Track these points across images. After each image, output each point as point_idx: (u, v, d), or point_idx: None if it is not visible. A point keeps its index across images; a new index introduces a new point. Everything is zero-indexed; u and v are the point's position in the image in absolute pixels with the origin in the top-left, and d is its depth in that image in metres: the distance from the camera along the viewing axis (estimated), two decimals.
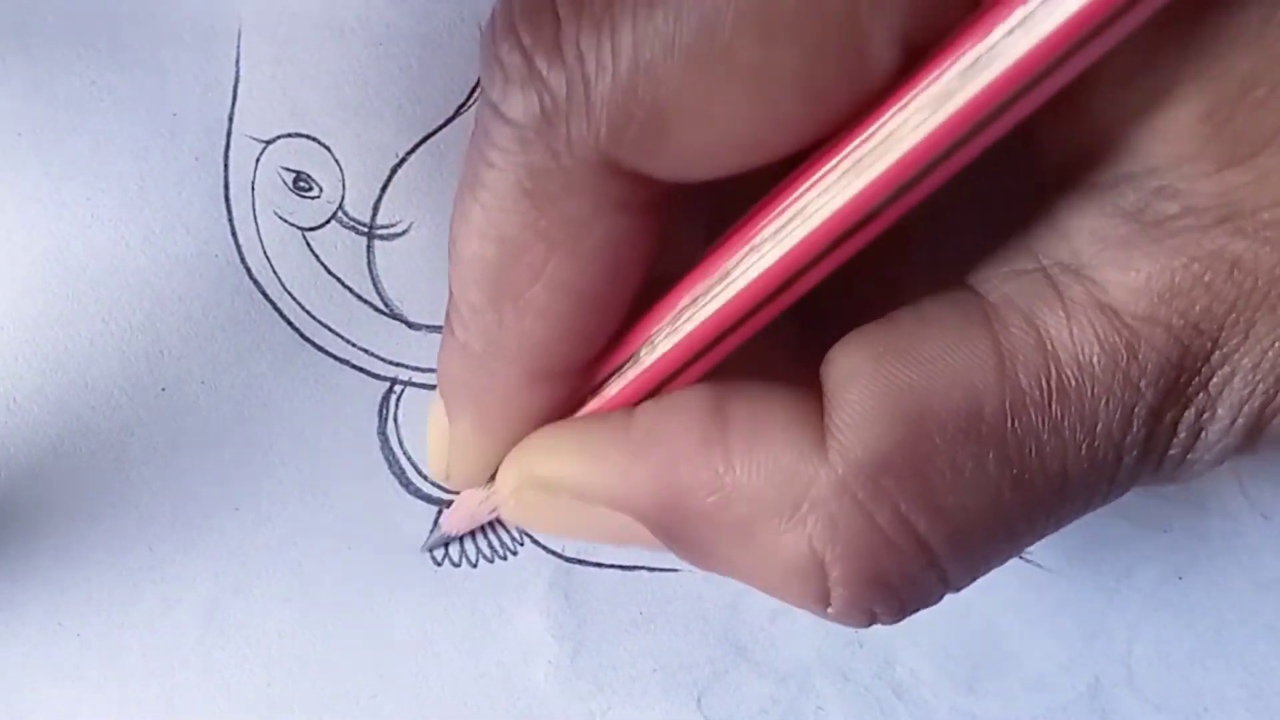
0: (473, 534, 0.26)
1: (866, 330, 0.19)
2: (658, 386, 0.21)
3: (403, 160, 0.26)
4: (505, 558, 0.26)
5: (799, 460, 0.19)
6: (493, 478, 0.23)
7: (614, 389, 0.21)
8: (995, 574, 0.27)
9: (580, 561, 0.26)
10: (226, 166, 0.26)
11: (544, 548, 0.26)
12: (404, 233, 0.26)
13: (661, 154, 0.18)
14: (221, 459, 0.26)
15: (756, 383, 0.20)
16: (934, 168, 0.17)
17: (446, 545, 0.26)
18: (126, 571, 0.25)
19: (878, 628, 0.26)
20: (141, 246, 0.25)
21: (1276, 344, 0.18)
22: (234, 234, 0.26)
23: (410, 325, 0.26)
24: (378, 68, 0.26)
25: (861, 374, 0.19)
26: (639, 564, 0.27)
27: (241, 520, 0.26)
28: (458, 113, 0.26)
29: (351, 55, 0.26)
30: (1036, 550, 0.27)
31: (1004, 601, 0.27)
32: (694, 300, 0.20)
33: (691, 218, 0.21)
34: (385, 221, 0.26)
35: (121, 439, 0.25)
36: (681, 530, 0.20)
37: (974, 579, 0.20)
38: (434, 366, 0.26)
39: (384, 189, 0.26)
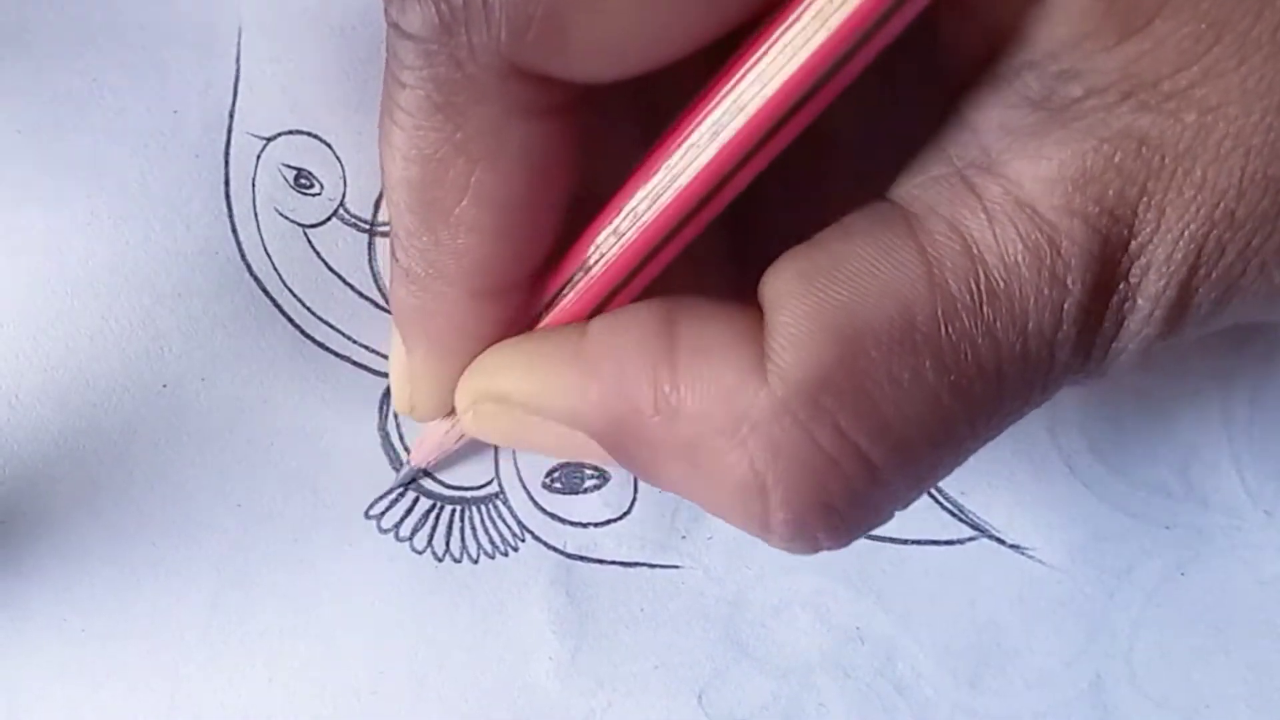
0: (474, 532, 0.26)
1: (795, 252, 0.19)
2: (609, 295, 0.21)
3: None
4: (506, 554, 0.26)
5: (740, 381, 0.19)
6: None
7: (566, 301, 0.21)
8: (997, 571, 0.27)
9: (581, 558, 0.26)
10: (227, 163, 0.26)
11: (545, 544, 0.26)
12: None
13: (564, 54, 0.18)
14: (223, 456, 0.26)
15: (705, 301, 0.20)
16: (869, 38, 0.17)
17: (414, 481, 0.26)
18: (129, 567, 0.25)
19: (878, 624, 0.26)
20: (142, 244, 0.25)
21: (1187, 233, 0.18)
22: (235, 231, 0.26)
23: None
24: (378, 65, 0.25)
25: (793, 294, 0.19)
26: (640, 561, 0.27)
27: (243, 517, 0.26)
28: None
29: (352, 52, 0.26)
30: (1039, 547, 0.27)
31: (1006, 598, 0.27)
32: (636, 204, 0.20)
33: (629, 125, 0.21)
34: (386, 219, 0.26)
35: (123, 436, 0.25)
36: (630, 447, 0.20)
37: (920, 493, 0.20)
38: None
39: None
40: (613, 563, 0.27)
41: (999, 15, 0.18)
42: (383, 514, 0.26)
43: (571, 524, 0.26)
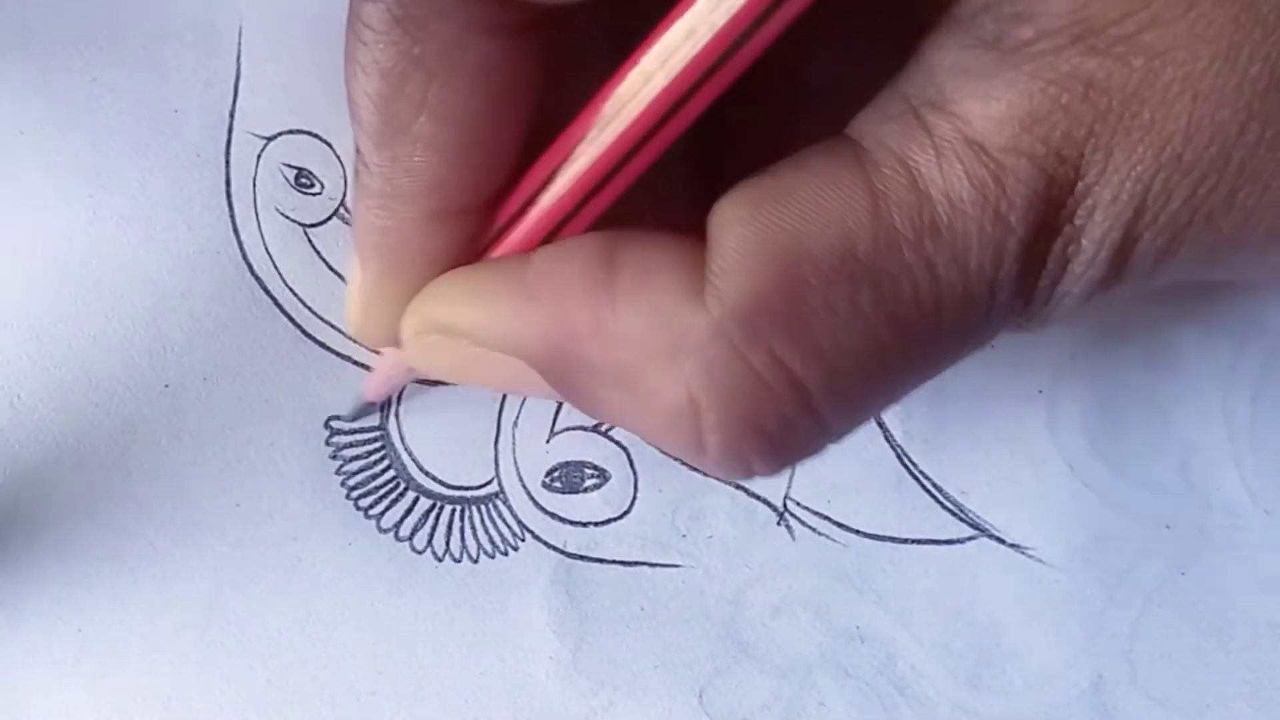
0: (474, 531, 0.26)
1: (746, 182, 0.20)
2: (555, 229, 0.21)
3: None
4: (506, 554, 0.26)
5: (678, 305, 0.19)
6: None
7: (516, 232, 0.21)
8: (998, 570, 0.27)
9: (582, 557, 0.26)
10: (228, 163, 0.26)
11: (545, 544, 0.26)
12: None
13: None
14: (223, 455, 0.26)
15: (651, 232, 0.20)
16: None
17: (366, 414, 0.26)
18: (127, 567, 0.25)
19: (878, 623, 0.26)
20: (143, 243, 0.25)
21: (1133, 175, 0.18)
22: (236, 230, 0.26)
23: None
24: None
25: (737, 220, 0.19)
26: (640, 560, 0.27)
27: (243, 516, 0.26)
28: None
29: None
30: (1039, 546, 0.27)
31: (1006, 598, 0.27)
32: (586, 136, 0.20)
33: (600, 54, 0.21)
34: None
35: (124, 435, 0.25)
36: (569, 376, 0.20)
37: (853, 426, 0.20)
38: None
39: None
40: (613, 562, 0.26)
41: None
42: (382, 513, 0.26)
43: (571, 523, 0.26)
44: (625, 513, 0.27)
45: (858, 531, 0.27)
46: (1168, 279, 0.20)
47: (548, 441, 0.27)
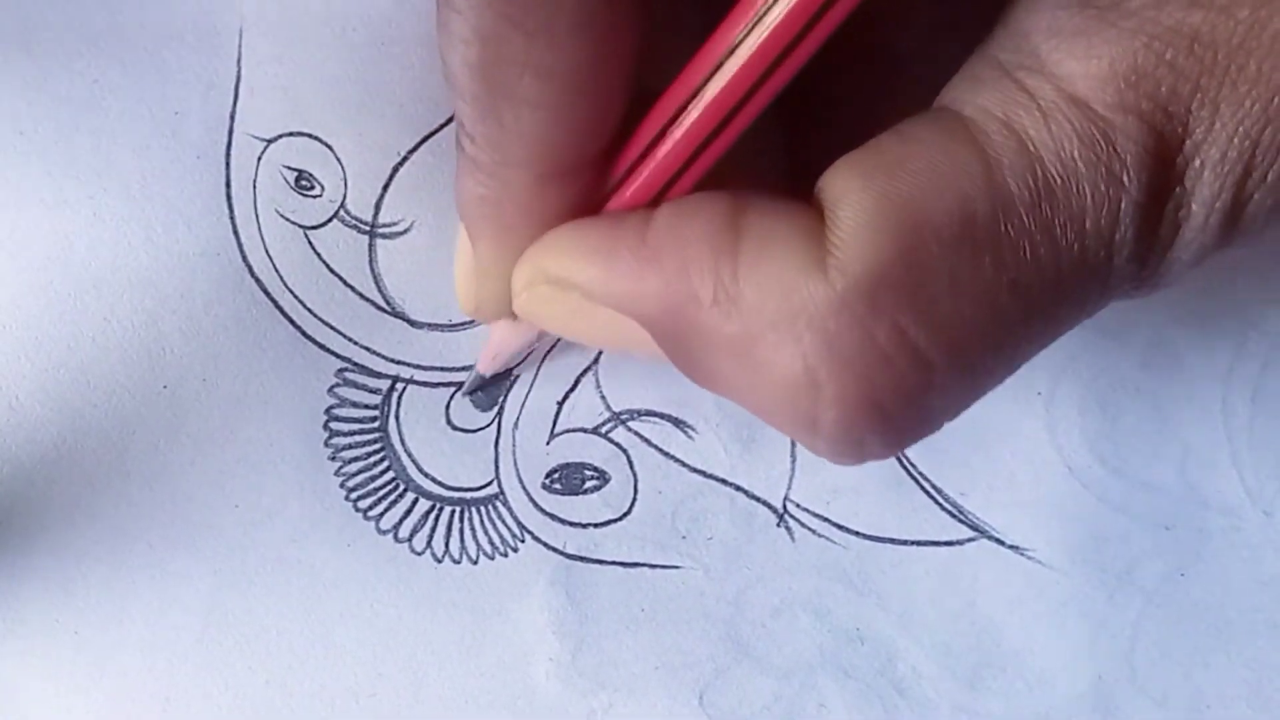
0: (474, 532, 0.26)
1: (853, 154, 0.19)
2: (670, 182, 0.21)
3: (404, 159, 0.26)
4: (506, 555, 0.26)
5: (800, 275, 0.18)
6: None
7: (630, 186, 0.21)
8: (998, 572, 0.27)
9: (582, 558, 0.26)
10: (228, 165, 0.26)
11: (545, 545, 0.26)
12: (406, 231, 0.26)
13: None
14: (222, 456, 0.26)
15: (770, 197, 0.20)
16: None
17: (481, 388, 0.26)
18: (126, 569, 0.25)
19: (879, 624, 0.26)
20: (143, 245, 0.25)
21: (1241, 129, 0.18)
22: (236, 232, 0.26)
23: (412, 324, 0.26)
24: (379, 66, 0.26)
25: (853, 191, 0.19)
26: (641, 561, 0.27)
27: (241, 518, 0.26)
28: None
29: (353, 54, 0.26)
30: (1039, 548, 0.27)
31: (1006, 599, 0.27)
32: (698, 85, 0.20)
33: (698, 11, 0.21)
34: (387, 220, 0.26)
35: (123, 437, 0.25)
36: (684, 340, 0.20)
37: (971, 401, 0.20)
38: (436, 365, 0.26)
39: (386, 188, 0.26)
40: (613, 563, 0.26)
41: None
42: (382, 515, 0.26)
43: (571, 524, 0.26)
44: (625, 514, 0.27)
45: (857, 533, 0.27)
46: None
47: (548, 443, 0.27)
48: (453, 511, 0.26)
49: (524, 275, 0.22)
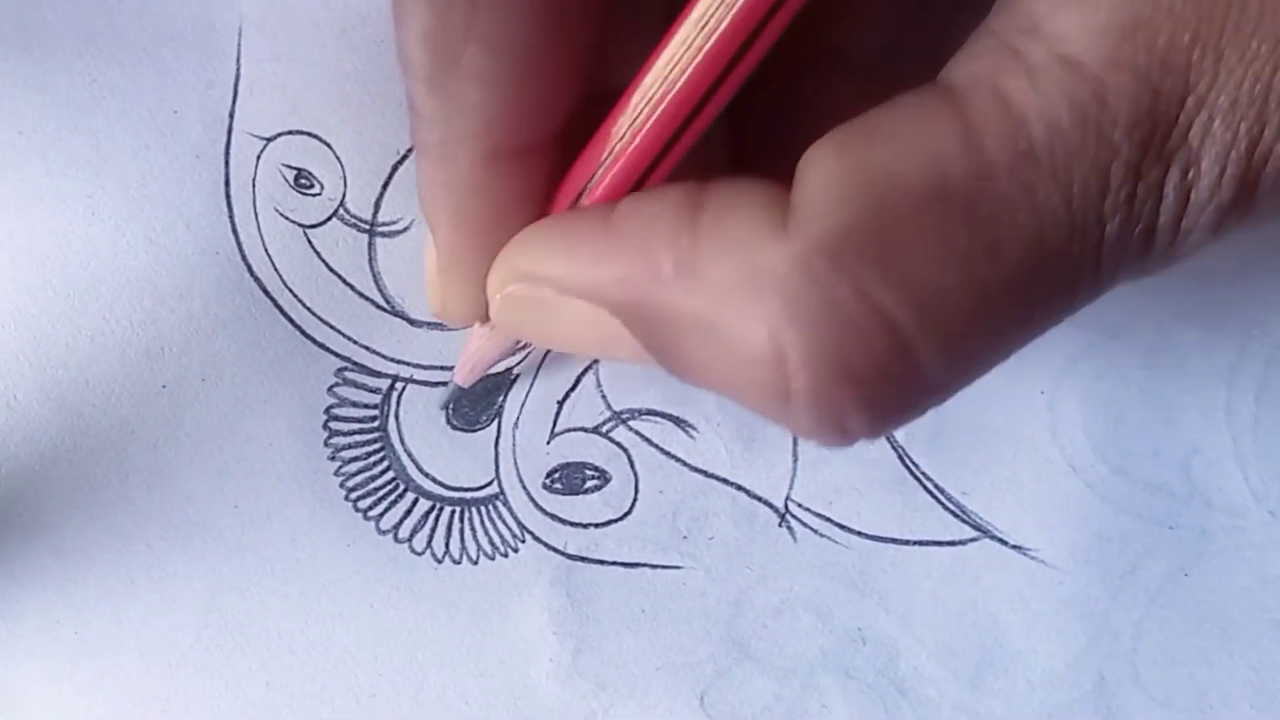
0: (474, 533, 0.26)
1: (837, 128, 0.19)
2: (641, 177, 0.20)
3: (404, 157, 0.26)
4: (506, 555, 0.26)
5: (760, 238, 0.18)
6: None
7: (596, 186, 0.21)
8: (1000, 572, 0.27)
9: (582, 559, 0.26)
10: (227, 164, 0.26)
11: (546, 545, 0.26)
12: (405, 230, 0.26)
13: None
14: (222, 456, 0.26)
15: (737, 177, 0.19)
16: None
17: (458, 402, 0.26)
18: (125, 569, 0.25)
19: (880, 625, 0.26)
20: (143, 244, 0.25)
21: (1250, 73, 0.17)
22: (235, 231, 0.26)
23: (411, 323, 0.26)
24: (378, 65, 0.26)
25: (824, 157, 0.18)
26: (641, 561, 0.26)
27: (241, 518, 0.26)
28: None
29: (352, 52, 0.26)
30: (1042, 548, 0.27)
31: (1009, 599, 0.27)
32: (660, 75, 0.19)
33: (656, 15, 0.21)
34: (386, 219, 0.26)
35: (122, 436, 0.25)
36: (651, 324, 0.19)
37: (960, 378, 0.19)
38: (436, 364, 0.26)
39: (385, 186, 0.26)
40: (614, 563, 0.26)
41: None
42: (382, 515, 0.26)
43: (572, 525, 0.26)
44: (626, 514, 0.27)
45: (859, 533, 0.27)
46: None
47: (548, 443, 0.26)
48: (453, 512, 0.26)
49: (497, 277, 0.22)
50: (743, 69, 0.19)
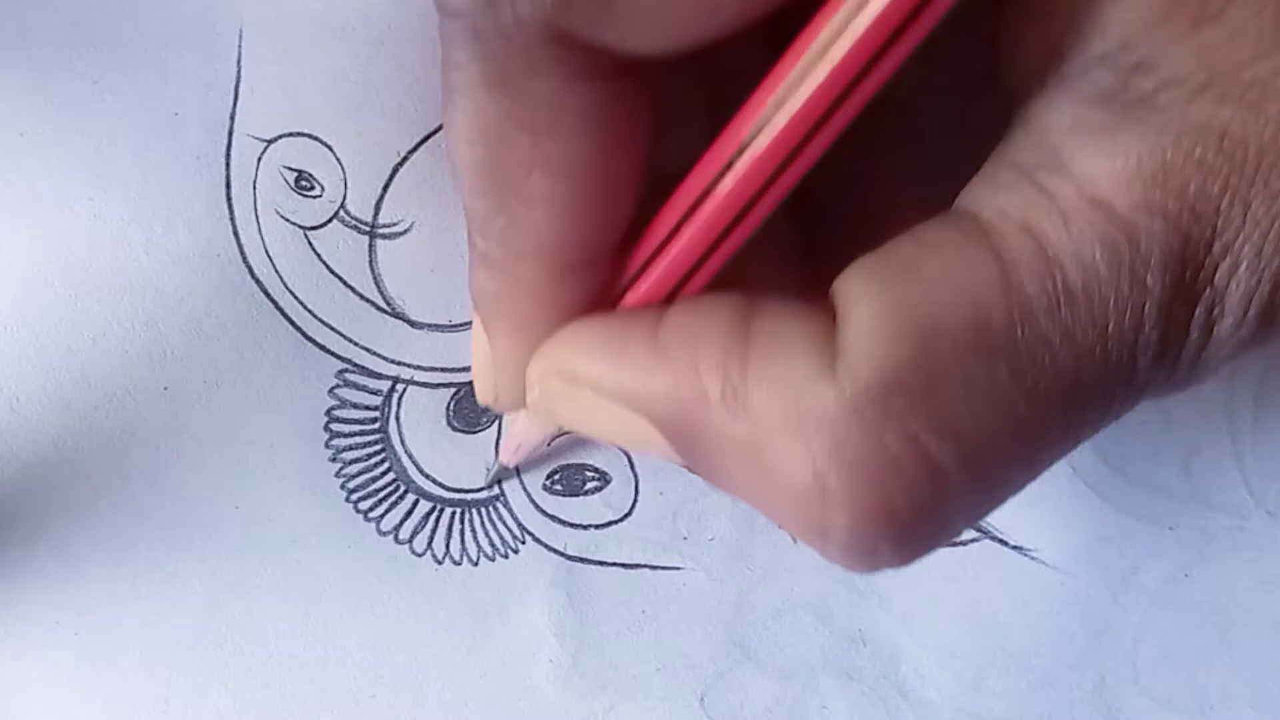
0: (474, 534, 0.26)
1: (868, 257, 0.19)
2: (685, 277, 0.20)
3: (404, 159, 0.26)
4: (507, 556, 0.26)
5: (809, 378, 0.18)
6: None
7: (643, 283, 0.21)
8: (1000, 573, 0.27)
9: (583, 560, 0.26)
10: (228, 166, 0.26)
11: (546, 547, 0.26)
12: (406, 232, 0.26)
13: (611, 22, 0.18)
14: (223, 457, 0.26)
15: (782, 299, 0.20)
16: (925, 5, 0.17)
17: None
18: (126, 570, 0.25)
19: (881, 626, 0.26)
20: (144, 246, 0.25)
21: (1276, 225, 0.17)
22: (236, 233, 0.26)
23: (412, 324, 0.26)
24: (379, 67, 0.26)
25: (866, 295, 0.18)
26: (642, 562, 0.27)
27: (242, 519, 0.26)
28: None
29: (353, 54, 0.26)
30: (1042, 548, 0.27)
31: (1009, 600, 0.27)
32: (711, 182, 0.19)
33: (703, 105, 0.21)
34: (387, 220, 0.26)
35: (123, 438, 0.25)
36: (694, 440, 0.20)
37: (989, 509, 0.20)
38: (435, 365, 0.26)
39: (386, 188, 0.26)
40: (614, 564, 0.26)
41: (1067, 10, 0.18)
42: (382, 516, 0.26)
43: (572, 526, 0.26)
44: (626, 515, 0.27)
45: None
46: None
47: (549, 444, 0.27)
48: (453, 513, 0.26)
49: (536, 370, 0.22)
50: (793, 173, 0.19)
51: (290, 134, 0.26)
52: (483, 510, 0.26)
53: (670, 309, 0.20)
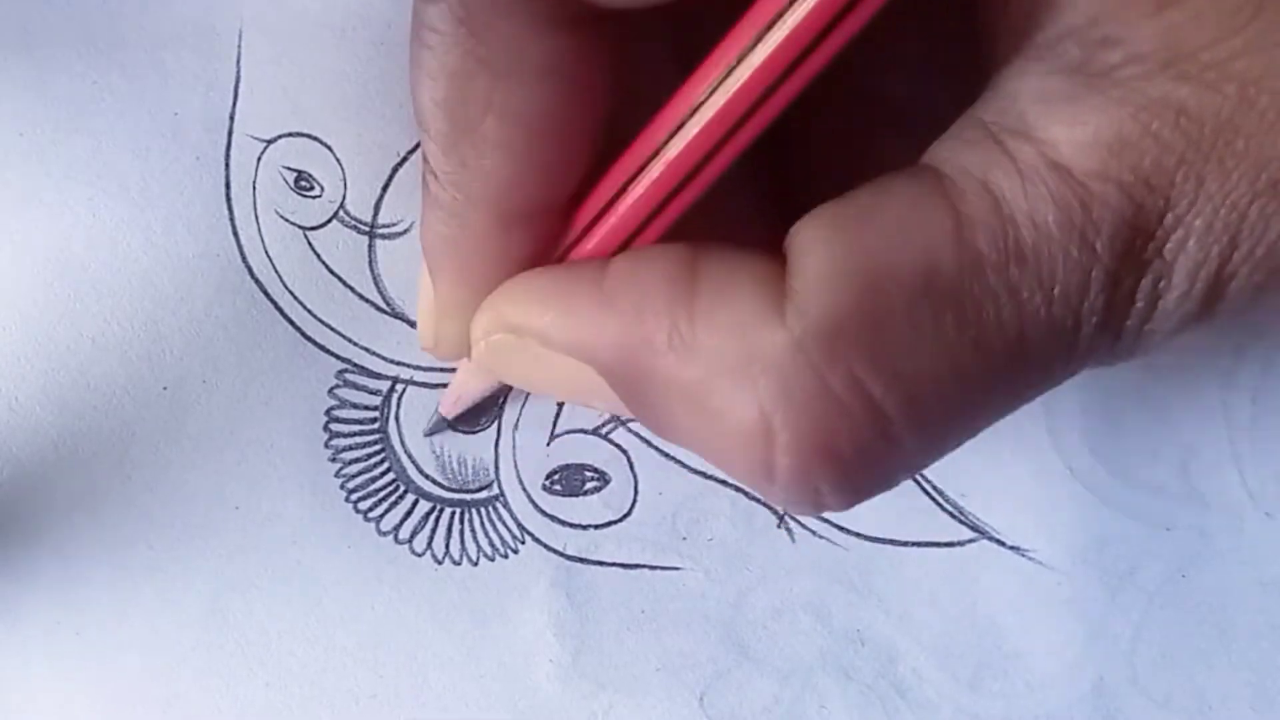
0: (474, 534, 0.26)
1: (826, 205, 0.19)
2: (632, 235, 0.21)
3: (404, 159, 0.26)
4: (506, 556, 0.26)
5: (756, 320, 0.18)
6: None
7: (592, 237, 0.21)
8: (998, 573, 0.27)
9: (582, 560, 0.26)
10: (228, 166, 0.26)
11: (546, 547, 0.26)
12: (405, 232, 0.26)
13: None
14: (223, 458, 0.26)
15: (731, 247, 0.20)
16: None
17: (447, 429, 0.26)
18: (126, 570, 0.25)
19: (879, 626, 0.26)
20: (143, 246, 0.25)
21: (1228, 202, 0.18)
22: (235, 233, 0.26)
23: (412, 324, 0.26)
24: (378, 67, 0.26)
25: (818, 239, 0.19)
26: (641, 563, 0.27)
27: (242, 519, 0.26)
28: None
29: (352, 54, 0.26)
30: (1040, 549, 0.27)
31: (1007, 600, 0.27)
32: (663, 141, 0.20)
33: (670, 63, 0.21)
34: (386, 221, 0.26)
35: (123, 438, 0.25)
36: (639, 387, 0.20)
37: (930, 457, 0.20)
38: (435, 366, 0.26)
39: (385, 188, 0.26)
40: (613, 565, 0.26)
41: None
42: (382, 516, 0.26)
43: (572, 526, 0.26)
44: (625, 515, 0.27)
45: (858, 534, 0.27)
46: (1263, 314, 0.19)
47: (548, 444, 0.27)
48: (453, 513, 0.26)
49: (481, 325, 0.22)
50: (745, 135, 0.19)
51: (290, 134, 0.26)
52: (482, 510, 0.26)
53: (616, 259, 0.20)
